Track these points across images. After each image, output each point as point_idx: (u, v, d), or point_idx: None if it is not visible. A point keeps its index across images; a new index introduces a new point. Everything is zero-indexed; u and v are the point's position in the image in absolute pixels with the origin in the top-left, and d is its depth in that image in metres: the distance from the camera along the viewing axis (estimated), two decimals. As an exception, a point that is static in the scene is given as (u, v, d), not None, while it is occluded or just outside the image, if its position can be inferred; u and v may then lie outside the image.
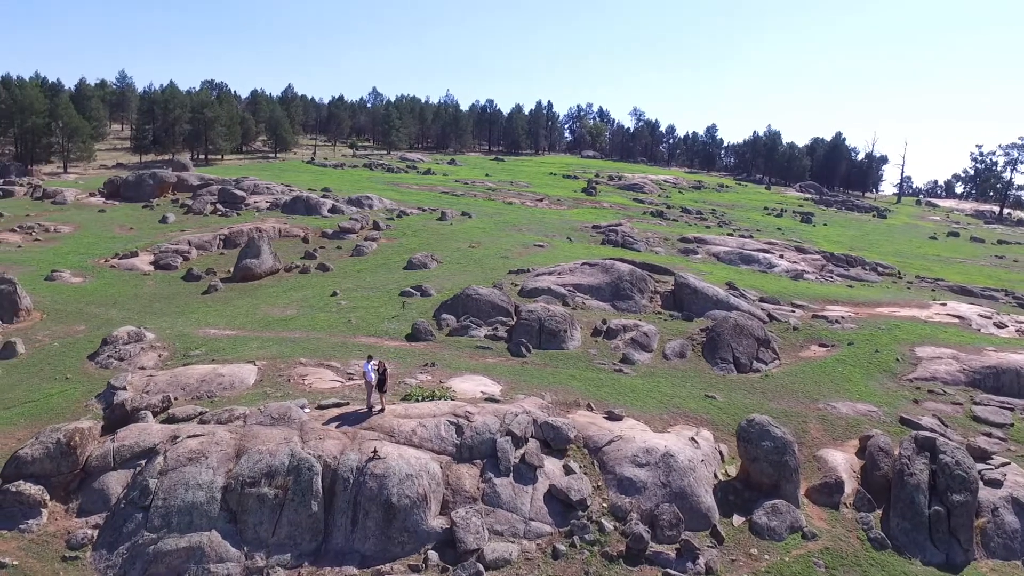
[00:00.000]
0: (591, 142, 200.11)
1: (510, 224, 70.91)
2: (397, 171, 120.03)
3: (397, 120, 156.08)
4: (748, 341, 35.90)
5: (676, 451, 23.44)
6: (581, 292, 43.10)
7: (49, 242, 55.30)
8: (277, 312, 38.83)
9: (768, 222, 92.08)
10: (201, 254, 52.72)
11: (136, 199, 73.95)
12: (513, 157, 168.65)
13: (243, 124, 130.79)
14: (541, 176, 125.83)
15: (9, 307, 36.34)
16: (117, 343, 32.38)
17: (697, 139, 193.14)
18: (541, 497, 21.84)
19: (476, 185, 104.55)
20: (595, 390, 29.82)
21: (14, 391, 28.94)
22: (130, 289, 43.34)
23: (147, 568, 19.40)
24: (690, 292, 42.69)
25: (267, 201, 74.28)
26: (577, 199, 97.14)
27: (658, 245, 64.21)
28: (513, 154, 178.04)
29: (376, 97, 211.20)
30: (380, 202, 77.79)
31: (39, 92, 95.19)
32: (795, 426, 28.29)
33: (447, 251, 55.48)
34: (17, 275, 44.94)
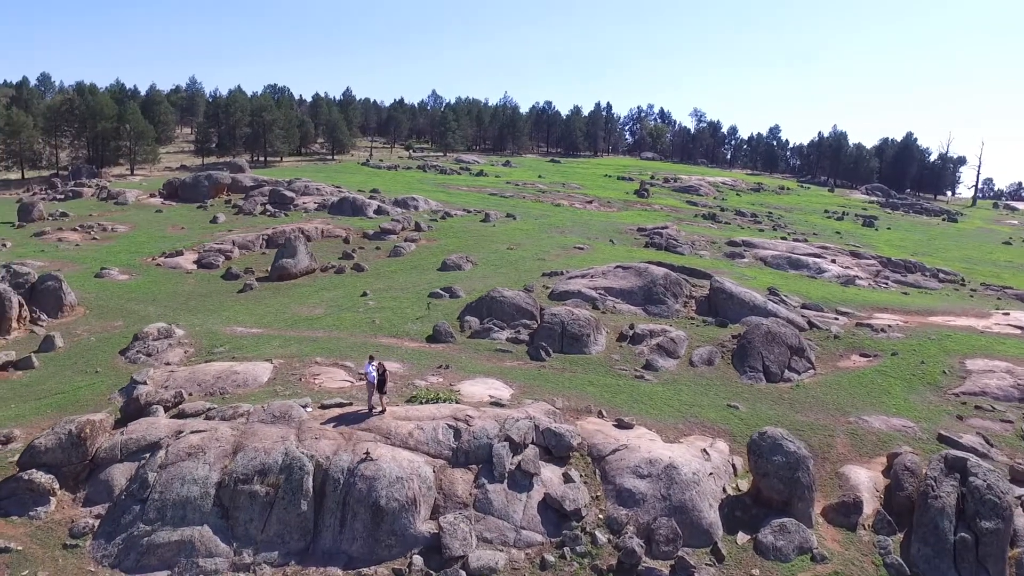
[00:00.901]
0: (651, 144, 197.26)
1: (554, 226, 70.31)
2: (450, 173, 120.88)
3: (453, 122, 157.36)
4: (780, 349, 34.36)
5: (680, 463, 22.50)
6: (612, 296, 42.19)
7: (105, 241, 57.77)
8: (305, 311, 39.39)
9: (827, 225, 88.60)
10: (244, 253, 54.10)
11: (192, 200, 76.64)
12: (570, 159, 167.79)
13: (302, 127, 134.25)
14: (595, 178, 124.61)
15: (55, 303, 37.98)
16: (147, 339, 33.37)
17: (760, 140, 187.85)
18: (535, 505, 21.28)
19: (526, 187, 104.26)
20: (611, 397, 29.02)
21: (47, 383, 30.14)
22: (171, 287, 44.78)
23: (140, 559, 19.78)
24: (725, 297, 41.25)
25: (315, 202, 75.81)
26: (628, 201, 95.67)
27: (703, 249, 62.49)
28: (571, 156, 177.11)
29: (436, 99, 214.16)
30: (426, 203, 78.38)
31: (109, 98, 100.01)
32: (819, 440, 26.89)
33: (484, 253, 55.33)
34: (70, 272, 47.15)
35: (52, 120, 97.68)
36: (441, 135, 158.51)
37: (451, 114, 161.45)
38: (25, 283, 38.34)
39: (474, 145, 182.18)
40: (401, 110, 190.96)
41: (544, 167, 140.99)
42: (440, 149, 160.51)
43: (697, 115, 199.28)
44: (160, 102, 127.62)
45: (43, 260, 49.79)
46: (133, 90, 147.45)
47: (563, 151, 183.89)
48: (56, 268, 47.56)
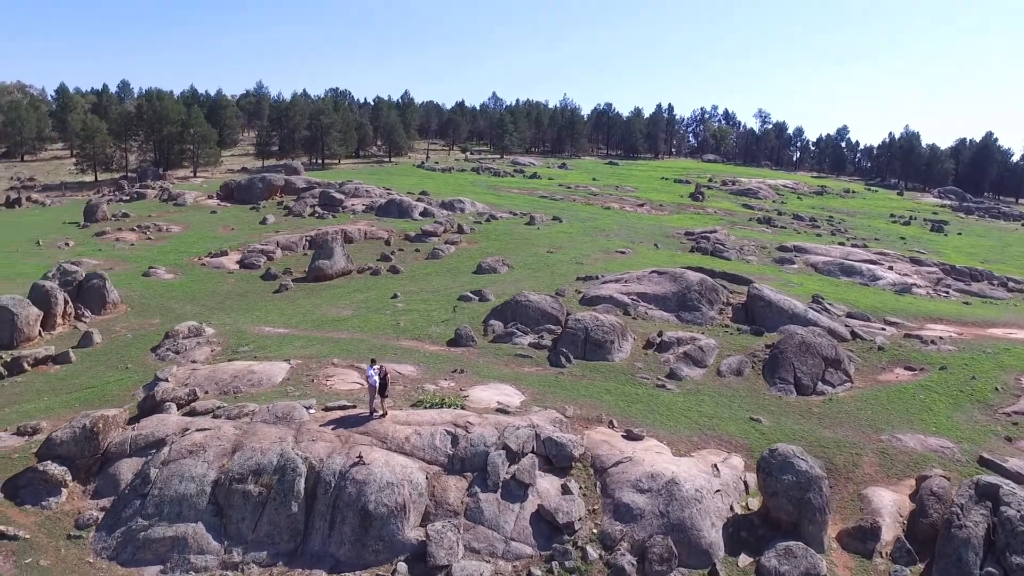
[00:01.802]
0: (715, 146, 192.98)
1: (599, 229, 69.35)
2: (503, 175, 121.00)
3: (511, 124, 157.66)
4: (814, 360, 32.70)
5: (683, 478, 21.53)
6: (645, 301, 41.11)
7: (159, 241, 60.04)
8: (334, 312, 39.82)
9: (890, 230, 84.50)
10: (286, 254, 55.26)
11: (246, 201, 78.97)
12: (629, 161, 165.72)
13: (360, 130, 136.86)
14: (651, 180, 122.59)
15: (98, 300, 39.55)
16: (177, 337, 34.33)
17: (827, 142, 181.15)
18: (528, 516, 20.72)
19: (578, 189, 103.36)
20: (626, 406, 28.16)
21: (80, 377, 31.34)
22: (211, 286, 46.08)
23: (135, 553, 20.18)
24: (763, 305, 39.63)
25: (363, 204, 76.98)
26: (681, 204, 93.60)
27: (752, 254, 60.42)
28: (630, 158, 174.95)
29: (496, 102, 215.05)
30: (472, 206, 78.56)
31: (174, 103, 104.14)
32: (844, 458, 25.38)
33: (523, 256, 54.95)
34: (121, 271, 49.18)
35: (123, 125, 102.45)
36: (498, 137, 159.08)
37: (508, 116, 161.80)
38: (73, 281, 40.05)
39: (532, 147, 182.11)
40: (461, 113, 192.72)
41: (600, 170, 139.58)
42: (497, 151, 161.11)
43: (762, 116, 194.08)
44: (226, 106, 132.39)
45: (98, 259, 52.03)
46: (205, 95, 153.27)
47: (623, 153, 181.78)
48: (108, 267, 49.68)
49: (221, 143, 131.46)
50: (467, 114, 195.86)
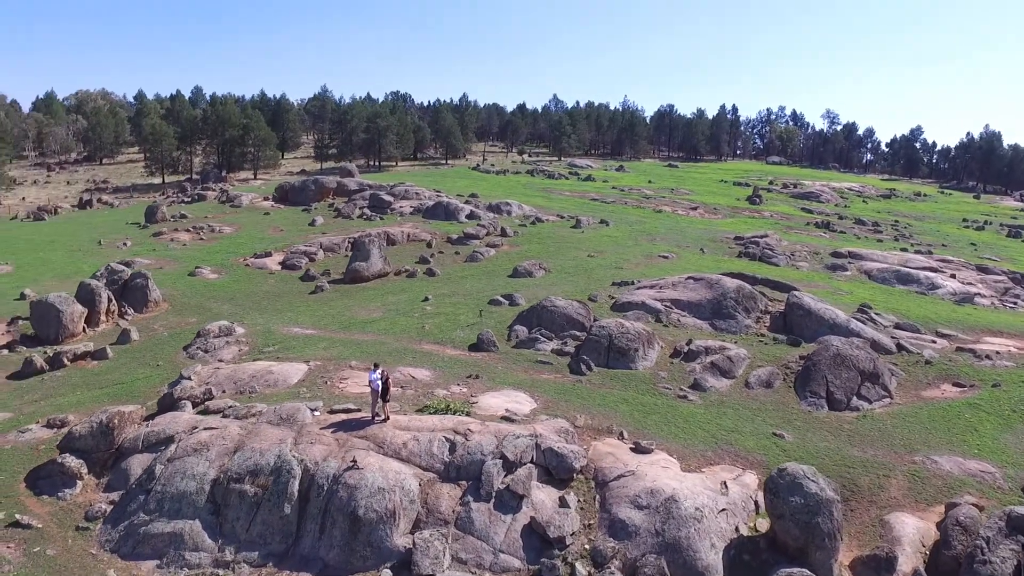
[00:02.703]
0: (780, 147, 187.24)
1: (646, 233, 68.00)
2: (557, 178, 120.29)
3: (568, 127, 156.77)
4: (849, 374, 31.00)
5: (684, 495, 20.62)
6: (679, 308, 39.93)
7: (210, 241, 62.05)
8: (364, 314, 40.16)
9: (961, 236, 79.91)
10: (329, 256, 56.21)
11: (299, 203, 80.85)
12: (690, 164, 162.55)
13: (417, 132, 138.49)
14: (708, 183, 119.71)
15: (141, 298, 41.05)
16: (208, 336, 35.23)
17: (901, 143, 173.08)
18: (520, 528, 20.23)
19: (631, 192, 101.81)
20: (641, 417, 27.30)
21: (113, 373, 32.51)
22: (251, 286, 47.22)
23: (135, 547, 20.68)
24: (802, 314, 37.91)
25: (412, 206, 77.64)
26: (736, 208, 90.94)
27: (803, 260, 58.05)
28: (691, 161, 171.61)
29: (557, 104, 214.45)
30: (519, 208, 78.24)
31: (236, 108, 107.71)
32: (870, 480, 23.89)
33: (562, 260, 54.31)
34: (170, 270, 50.99)
35: (189, 129, 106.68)
36: (556, 140, 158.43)
37: (566, 119, 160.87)
38: (119, 280, 41.70)
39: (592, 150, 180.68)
40: (521, 115, 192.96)
41: (658, 172, 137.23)
42: (555, 154, 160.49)
43: (830, 116, 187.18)
44: (289, 110, 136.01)
45: (151, 258, 54.12)
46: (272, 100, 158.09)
47: (684, 156, 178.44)
48: (159, 266, 51.61)
49: (284, 146, 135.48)
50: (527, 116, 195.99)
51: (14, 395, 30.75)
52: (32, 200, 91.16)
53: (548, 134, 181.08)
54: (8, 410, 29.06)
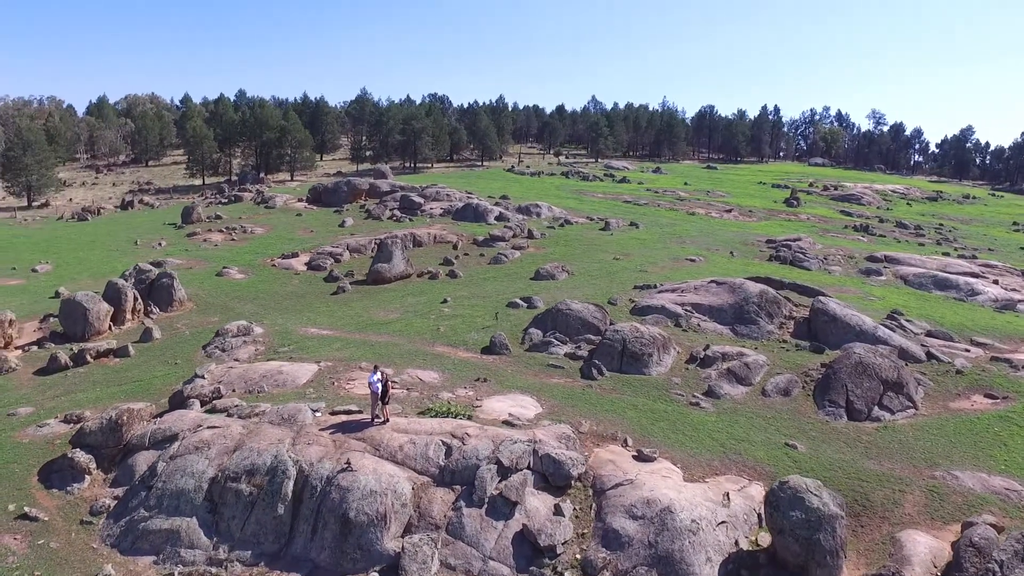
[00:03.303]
0: (824, 149, 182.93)
1: (676, 236, 66.96)
2: (592, 179, 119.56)
3: (605, 128, 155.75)
4: (871, 383, 29.87)
5: (680, 506, 20.04)
6: (700, 313, 39.10)
7: (241, 242, 63.18)
8: (382, 315, 40.30)
9: (1010, 240, 76.73)
10: (355, 257, 56.67)
11: (332, 204, 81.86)
12: (731, 165, 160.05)
13: (453, 134, 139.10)
14: (746, 185, 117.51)
15: (166, 298, 41.93)
16: (226, 336, 35.76)
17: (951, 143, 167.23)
18: (511, 536, 19.92)
19: (666, 194, 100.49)
20: (648, 424, 26.72)
21: (133, 371, 33.22)
22: (275, 287, 47.86)
23: (134, 543, 20.99)
24: (827, 320, 36.74)
25: (442, 208, 77.90)
26: (772, 210, 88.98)
27: (836, 264, 56.37)
28: (731, 162, 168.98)
29: (596, 105, 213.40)
30: (549, 210, 77.86)
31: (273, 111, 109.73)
32: (884, 495, 22.93)
33: (586, 262, 53.80)
34: (199, 270, 52.02)
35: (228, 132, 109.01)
36: (593, 141, 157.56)
37: (603, 120, 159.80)
38: (146, 280, 42.68)
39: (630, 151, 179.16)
40: (560, 117, 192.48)
41: (696, 174, 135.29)
42: (592, 155, 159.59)
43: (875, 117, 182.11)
44: (327, 112, 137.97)
45: (182, 258, 55.31)
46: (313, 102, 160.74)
47: (724, 157, 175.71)
48: (189, 266, 52.71)
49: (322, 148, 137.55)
50: (566, 118, 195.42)
51: (38, 390, 31.65)
52: (78, 201, 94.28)
53: (586, 136, 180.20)
54: (31, 404, 29.91)
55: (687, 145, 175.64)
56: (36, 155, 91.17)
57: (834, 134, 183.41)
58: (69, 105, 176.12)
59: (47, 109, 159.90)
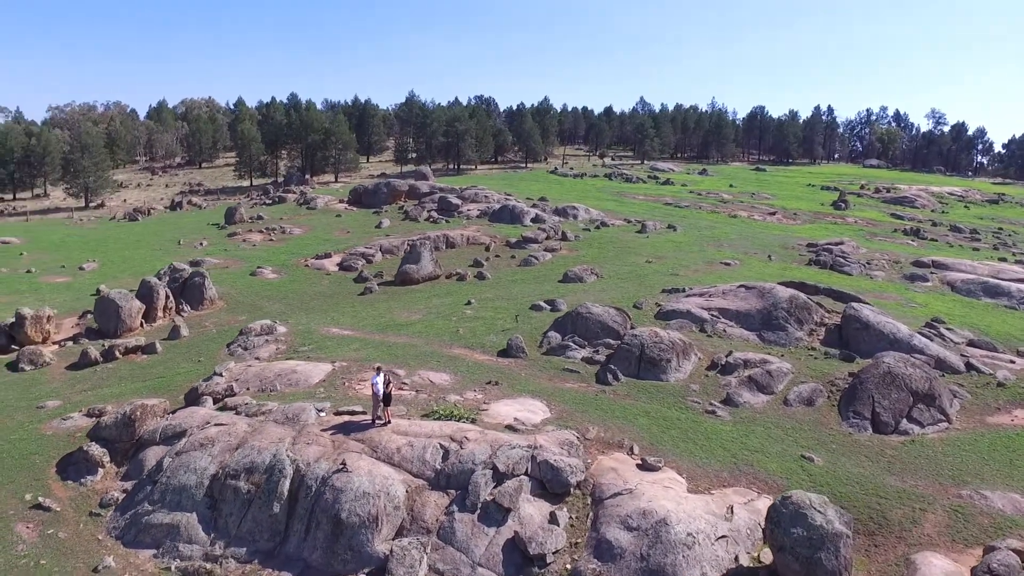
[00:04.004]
0: (881, 150, 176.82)
1: (713, 239, 65.48)
2: (635, 181, 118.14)
3: (651, 130, 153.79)
4: (899, 395, 28.49)
5: (677, 519, 19.38)
6: (726, 318, 38.04)
7: (279, 242, 64.37)
8: (404, 316, 40.42)
9: (1075, 246, 72.51)
10: (387, 258, 57.10)
11: (371, 205, 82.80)
12: (780, 167, 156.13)
13: (498, 136, 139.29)
14: (793, 187, 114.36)
15: (198, 296, 42.94)
16: (250, 334, 36.36)
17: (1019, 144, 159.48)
18: (502, 543, 19.58)
19: (709, 196, 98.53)
20: (659, 432, 26.03)
21: (158, 367, 34.06)
22: (305, 287, 48.53)
23: (137, 535, 21.42)
24: (859, 327, 35.27)
25: (479, 209, 77.94)
26: (818, 213, 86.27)
27: (879, 269, 54.20)
28: (782, 164, 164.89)
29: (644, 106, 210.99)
30: (586, 212, 77.14)
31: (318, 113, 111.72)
32: (903, 513, 21.76)
33: (617, 265, 53.04)
34: (235, 269, 53.17)
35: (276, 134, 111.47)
36: (639, 143, 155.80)
37: (649, 121, 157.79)
38: (180, 279, 43.79)
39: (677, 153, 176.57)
40: (607, 118, 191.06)
41: (743, 176, 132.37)
42: (638, 157, 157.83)
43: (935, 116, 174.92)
44: (374, 115, 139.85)
45: (220, 258, 56.64)
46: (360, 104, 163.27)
47: (775, 159, 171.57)
48: (225, 266, 53.93)
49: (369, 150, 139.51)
50: (614, 120, 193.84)
51: (67, 384, 32.74)
52: (131, 202, 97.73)
53: (633, 137, 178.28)
54: (59, 398, 30.95)
55: (736, 147, 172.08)
56: (93, 158, 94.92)
57: (891, 135, 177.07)
58: (132, 110, 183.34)
59: (110, 114, 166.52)
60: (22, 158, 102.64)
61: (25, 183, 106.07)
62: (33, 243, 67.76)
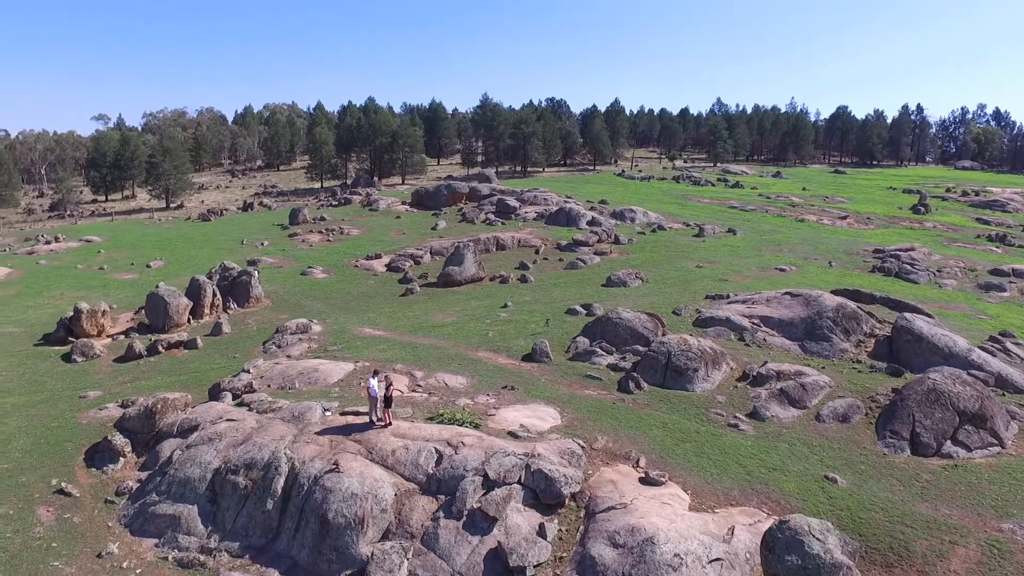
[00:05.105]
0: (977, 151, 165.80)
1: (774, 244, 62.87)
2: (704, 184, 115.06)
3: (724, 131, 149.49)
4: (944, 414, 26.33)
5: (666, 538, 18.42)
6: (768, 326, 36.31)
7: (335, 242, 65.86)
8: (439, 318, 40.47)
9: None
10: (435, 259, 57.46)
11: (432, 207, 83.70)
12: (864, 169, 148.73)
13: (567, 139, 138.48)
14: (873, 191, 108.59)
15: (244, 294, 44.33)
16: (285, 332, 37.21)
17: None
18: (485, 552, 19.12)
19: (778, 200, 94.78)
20: (673, 445, 24.94)
21: (195, 363, 35.29)
22: (350, 287, 49.38)
23: (143, 525, 22.12)
24: (910, 339, 32.93)
25: (536, 212, 77.60)
26: (894, 218, 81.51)
27: (951, 277, 50.62)
28: (866, 166, 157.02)
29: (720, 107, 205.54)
30: (644, 215, 75.62)
31: (387, 116, 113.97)
32: (928, 545, 20.02)
33: (666, 269, 51.61)
34: (288, 269, 54.72)
35: (346, 137, 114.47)
36: (711, 145, 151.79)
37: (722, 122, 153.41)
38: (229, 277, 45.33)
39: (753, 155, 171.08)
40: (682, 120, 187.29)
41: (819, 179, 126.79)
42: (711, 160, 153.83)
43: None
44: (444, 118, 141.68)
45: (276, 257, 58.42)
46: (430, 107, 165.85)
47: (858, 161, 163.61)
48: (279, 265, 55.58)
49: (440, 152, 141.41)
50: (689, 121, 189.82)
51: (111, 376, 34.35)
52: (208, 203, 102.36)
53: (707, 139, 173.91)
54: (101, 389, 32.49)
55: (815, 148, 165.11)
56: (174, 161, 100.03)
57: (988, 134, 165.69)
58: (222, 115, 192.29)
59: (198, 119, 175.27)
60: (113, 162, 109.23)
61: (116, 185, 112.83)
62: (112, 242, 71.87)
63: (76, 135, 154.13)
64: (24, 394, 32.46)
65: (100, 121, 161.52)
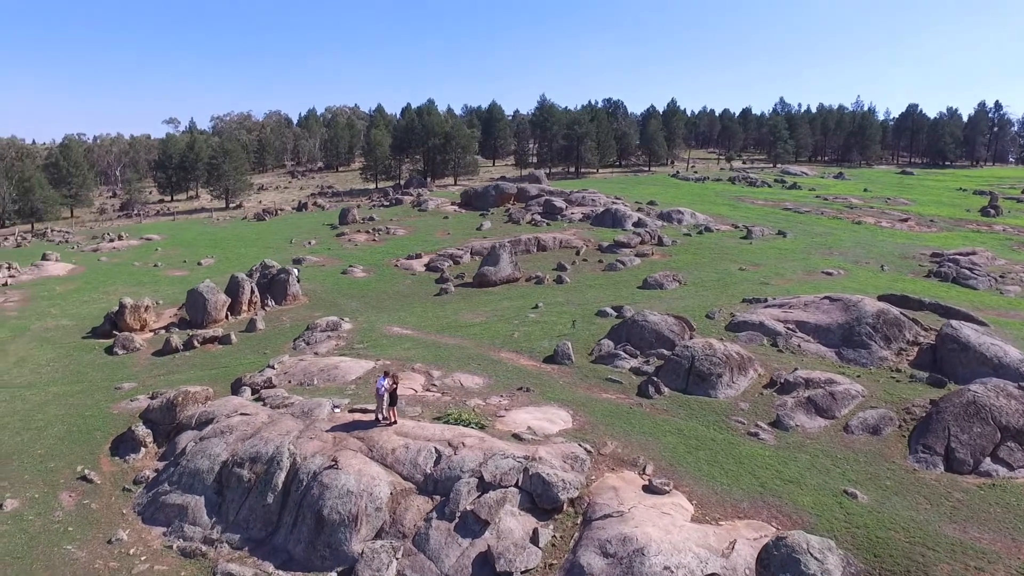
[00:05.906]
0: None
1: (824, 247, 60.53)
2: (760, 185, 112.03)
3: (784, 131, 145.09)
4: (984, 429, 24.67)
5: (656, 549, 17.75)
6: (803, 332, 34.87)
7: (380, 242, 66.71)
8: (468, 318, 40.42)
9: None
10: (475, 259, 57.50)
11: (480, 208, 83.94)
12: (934, 170, 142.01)
13: (622, 139, 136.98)
14: (941, 192, 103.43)
15: (282, 292, 45.30)
16: (315, 330, 37.81)
17: None
18: (474, 555, 18.85)
19: (835, 201, 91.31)
20: (685, 452, 24.14)
21: (227, 358, 36.18)
22: (387, 286, 49.86)
23: (154, 514, 22.73)
24: (955, 348, 31.03)
25: (583, 212, 76.88)
26: (959, 220, 77.33)
27: (1014, 283, 47.61)
28: (937, 167, 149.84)
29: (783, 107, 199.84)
30: (691, 217, 73.99)
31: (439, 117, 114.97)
32: (949, 570, 18.71)
33: (706, 272, 50.27)
34: (330, 267, 55.72)
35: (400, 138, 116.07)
36: (771, 145, 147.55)
37: (783, 122, 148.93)
38: (268, 275, 46.41)
39: (817, 155, 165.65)
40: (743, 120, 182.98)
41: (883, 180, 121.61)
42: (770, 160, 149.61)
43: None
44: (500, 119, 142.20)
45: (320, 256, 59.57)
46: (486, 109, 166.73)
47: (928, 161, 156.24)
48: (322, 264, 56.65)
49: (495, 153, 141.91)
50: (750, 121, 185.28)
51: (147, 369, 35.57)
52: (265, 203, 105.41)
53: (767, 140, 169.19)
54: (136, 381, 33.68)
55: (882, 148, 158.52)
56: (234, 162, 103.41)
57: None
58: (288, 118, 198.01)
59: (263, 122, 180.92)
60: (179, 164, 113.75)
61: (181, 186, 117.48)
62: (170, 240, 74.73)
63: (149, 138, 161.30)
64: (66, 384, 33.94)
65: (170, 125, 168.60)
